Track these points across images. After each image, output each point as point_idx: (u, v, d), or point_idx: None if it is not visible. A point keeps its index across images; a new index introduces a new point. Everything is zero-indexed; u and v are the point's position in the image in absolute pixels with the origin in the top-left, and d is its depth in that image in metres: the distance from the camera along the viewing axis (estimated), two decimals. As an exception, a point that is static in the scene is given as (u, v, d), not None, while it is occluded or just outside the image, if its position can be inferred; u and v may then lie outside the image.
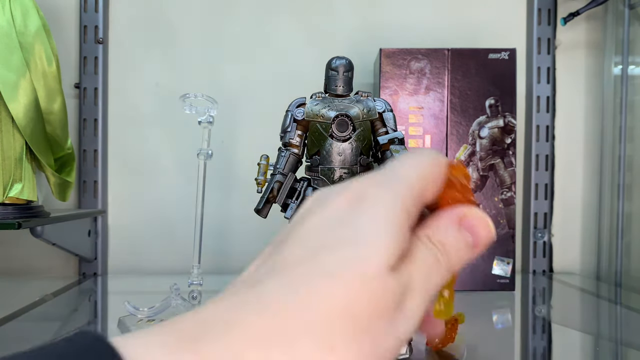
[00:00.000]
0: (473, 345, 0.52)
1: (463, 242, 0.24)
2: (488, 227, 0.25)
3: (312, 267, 0.21)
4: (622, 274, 0.82)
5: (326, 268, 0.20)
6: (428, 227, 0.25)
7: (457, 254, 0.24)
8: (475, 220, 0.25)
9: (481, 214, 0.25)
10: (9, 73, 0.62)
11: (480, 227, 0.25)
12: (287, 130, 0.46)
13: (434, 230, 0.24)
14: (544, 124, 0.89)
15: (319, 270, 0.20)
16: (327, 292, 0.20)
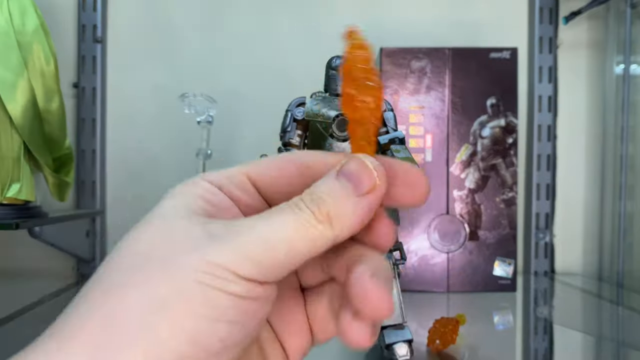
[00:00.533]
0: (474, 347, 0.52)
1: (340, 188, 0.21)
2: (370, 172, 0.22)
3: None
4: (624, 274, 0.82)
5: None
6: None
7: (333, 201, 0.21)
8: (354, 164, 0.22)
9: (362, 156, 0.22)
10: (6, 72, 0.62)
11: (360, 170, 0.22)
12: (287, 130, 0.46)
13: (310, 187, 0.22)
14: (545, 123, 0.88)
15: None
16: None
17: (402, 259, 0.45)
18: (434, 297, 0.71)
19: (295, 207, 0.21)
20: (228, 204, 0.23)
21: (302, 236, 0.21)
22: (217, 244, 0.20)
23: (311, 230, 0.21)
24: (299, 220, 0.21)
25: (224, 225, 0.21)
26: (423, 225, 0.73)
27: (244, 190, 0.24)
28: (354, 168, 0.22)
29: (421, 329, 0.54)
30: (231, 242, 0.20)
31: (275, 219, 0.21)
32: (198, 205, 0.22)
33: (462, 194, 0.74)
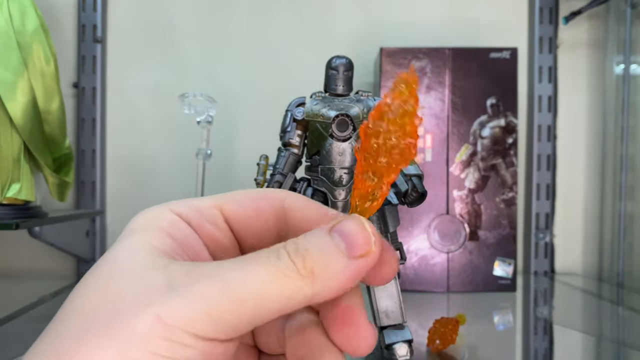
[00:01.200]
0: (474, 347, 0.52)
1: (332, 245, 0.19)
2: (367, 235, 0.20)
3: None
4: (624, 274, 0.82)
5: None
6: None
7: (322, 256, 0.19)
8: (350, 223, 0.20)
9: (360, 217, 0.20)
10: (6, 72, 0.62)
11: (356, 231, 0.20)
12: (287, 130, 0.46)
13: (296, 237, 0.20)
14: (545, 123, 0.88)
15: None
16: None
17: (402, 259, 0.45)
18: (434, 297, 0.71)
19: (274, 256, 0.19)
20: (194, 242, 0.21)
21: (277, 290, 0.18)
22: (176, 297, 0.17)
23: (288, 284, 0.18)
24: (277, 271, 0.18)
25: (187, 270, 0.18)
26: (423, 225, 0.73)
27: (215, 226, 0.22)
28: (351, 227, 0.20)
29: (421, 329, 0.54)
30: (191, 294, 0.17)
31: (248, 267, 0.18)
32: (161, 242, 0.20)
33: (462, 194, 0.74)
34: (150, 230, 0.20)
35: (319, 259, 0.19)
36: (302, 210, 0.22)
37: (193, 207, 0.22)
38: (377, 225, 0.44)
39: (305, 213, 0.22)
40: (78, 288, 0.19)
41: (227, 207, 0.22)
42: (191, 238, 0.21)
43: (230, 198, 0.23)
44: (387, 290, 0.44)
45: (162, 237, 0.20)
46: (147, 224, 0.20)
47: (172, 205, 0.22)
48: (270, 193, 0.23)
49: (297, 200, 0.23)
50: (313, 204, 0.23)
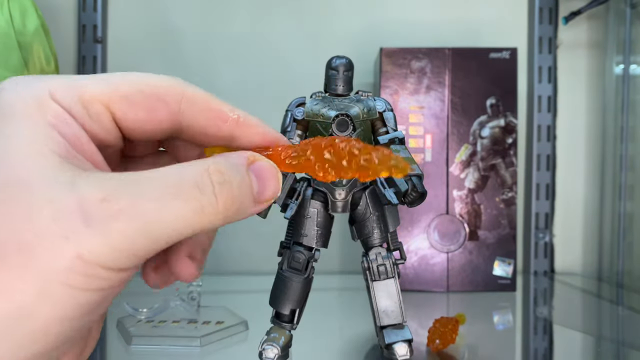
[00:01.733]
0: (474, 346, 0.52)
1: (248, 187, 0.20)
2: (277, 179, 0.20)
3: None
4: (624, 274, 0.82)
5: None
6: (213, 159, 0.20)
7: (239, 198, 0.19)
8: (268, 167, 0.20)
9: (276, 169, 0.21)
10: (7, 73, 0.62)
11: (270, 177, 0.20)
12: (287, 130, 0.46)
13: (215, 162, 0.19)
14: (545, 123, 0.88)
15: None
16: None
17: (401, 259, 0.45)
18: (434, 297, 0.71)
19: (198, 189, 0.18)
20: (84, 140, 0.19)
21: (192, 224, 0.18)
22: (95, 235, 0.17)
23: (205, 219, 0.18)
24: (198, 207, 0.18)
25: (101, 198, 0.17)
26: (423, 225, 0.73)
27: (100, 126, 0.20)
28: (269, 173, 0.20)
29: (421, 329, 0.54)
30: (110, 232, 0.17)
31: (169, 204, 0.17)
32: (53, 141, 0.18)
33: (462, 194, 0.74)
34: (35, 121, 0.18)
35: (237, 198, 0.19)
36: (205, 118, 0.22)
37: (77, 98, 0.19)
38: (377, 225, 0.44)
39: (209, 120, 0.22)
40: None
41: (116, 106, 0.20)
42: (81, 136, 0.19)
43: (120, 93, 0.20)
44: (387, 289, 0.44)
45: (52, 134, 0.18)
46: (28, 111, 0.18)
47: (51, 87, 0.19)
48: (167, 92, 0.21)
49: (198, 99, 0.22)
50: (213, 104, 0.22)
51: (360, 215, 0.44)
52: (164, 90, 0.21)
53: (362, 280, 0.45)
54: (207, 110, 0.22)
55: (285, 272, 0.44)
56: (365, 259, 0.44)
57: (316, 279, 0.44)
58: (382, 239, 0.44)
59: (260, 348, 0.41)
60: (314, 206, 0.44)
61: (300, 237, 0.44)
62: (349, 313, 0.66)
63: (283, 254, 0.45)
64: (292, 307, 0.42)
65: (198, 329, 0.50)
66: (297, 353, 0.45)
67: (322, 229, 0.44)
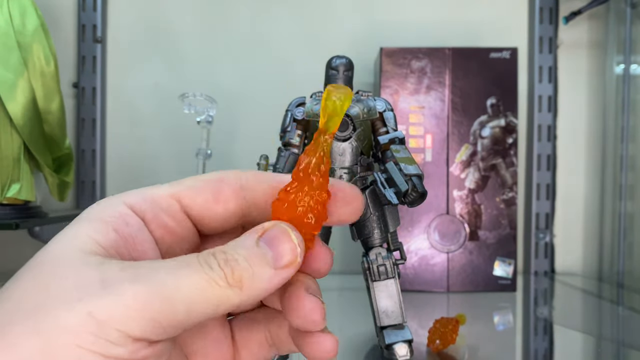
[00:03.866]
0: (474, 347, 0.52)
1: (259, 256, 0.20)
2: (293, 244, 0.21)
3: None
4: (625, 274, 0.82)
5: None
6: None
7: (249, 267, 0.19)
8: (278, 233, 0.20)
9: (287, 227, 0.21)
10: (6, 73, 0.62)
11: (282, 241, 0.20)
12: (287, 130, 0.46)
13: (225, 246, 0.20)
14: (545, 123, 0.88)
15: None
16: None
17: (402, 259, 0.45)
18: (434, 297, 0.71)
19: (206, 265, 0.19)
20: (142, 238, 0.21)
21: (206, 298, 0.19)
22: (109, 294, 0.17)
23: (218, 292, 0.19)
24: (208, 280, 0.19)
25: (121, 268, 0.18)
26: (423, 225, 0.73)
27: (171, 217, 0.22)
28: (278, 238, 0.20)
29: (421, 329, 0.54)
30: (124, 292, 0.17)
31: (182, 271, 0.19)
32: (103, 235, 0.19)
33: (462, 194, 0.74)
34: (94, 221, 0.20)
35: (247, 270, 0.19)
36: (258, 187, 0.23)
37: (148, 198, 0.21)
38: (377, 226, 0.44)
39: (263, 188, 0.23)
40: (14, 276, 0.19)
41: (184, 195, 0.22)
42: (139, 235, 0.21)
43: (186, 186, 0.22)
44: (387, 290, 0.44)
45: (105, 230, 0.20)
46: (95, 215, 0.20)
47: (126, 196, 0.21)
48: (226, 175, 0.23)
49: (251, 177, 0.23)
50: (265, 177, 0.23)
51: (361, 215, 0.44)
52: (223, 175, 0.23)
53: (362, 280, 0.45)
54: (263, 182, 0.23)
55: (285, 273, 0.43)
56: (365, 259, 0.44)
57: (316, 279, 0.44)
58: (382, 239, 0.44)
59: (260, 348, 0.40)
60: (314, 206, 0.44)
61: (300, 238, 0.44)
62: (349, 313, 0.66)
63: (283, 254, 0.45)
64: (292, 307, 0.42)
65: (198, 330, 0.50)
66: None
67: (322, 228, 0.44)
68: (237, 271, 0.19)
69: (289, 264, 0.20)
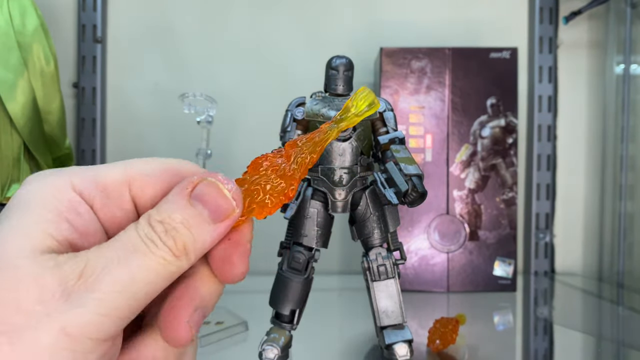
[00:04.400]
0: (474, 347, 0.52)
1: (195, 216, 0.20)
2: (225, 198, 0.20)
3: None
4: (625, 274, 0.82)
5: None
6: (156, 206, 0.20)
7: (189, 232, 0.19)
8: (207, 188, 0.20)
9: (216, 179, 0.21)
10: (6, 73, 0.62)
11: (215, 196, 0.20)
12: (287, 130, 0.46)
13: (157, 209, 0.20)
14: (545, 123, 0.88)
15: None
16: None
17: (402, 259, 0.45)
18: (434, 297, 0.71)
19: (149, 242, 0.19)
20: (93, 229, 0.20)
21: (160, 276, 0.19)
22: (76, 307, 0.18)
23: (168, 267, 0.19)
24: (156, 260, 0.19)
25: (79, 273, 0.18)
26: (423, 225, 0.73)
27: (120, 208, 0.21)
28: (209, 193, 0.20)
29: (421, 329, 0.54)
30: (90, 302, 0.18)
31: (134, 261, 0.19)
32: (57, 229, 0.19)
33: (462, 194, 0.74)
34: (46, 210, 0.19)
35: (188, 236, 0.20)
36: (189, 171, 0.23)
37: (99, 184, 0.20)
38: (377, 226, 0.44)
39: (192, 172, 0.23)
40: None
41: (137, 185, 0.21)
42: (89, 225, 0.20)
43: (141, 172, 0.21)
44: (387, 290, 0.44)
45: (57, 221, 0.19)
46: (43, 200, 0.19)
47: (73, 176, 0.20)
48: (184, 169, 0.22)
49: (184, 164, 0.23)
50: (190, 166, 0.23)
51: (361, 216, 0.44)
52: (179, 165, 0.22)
53: (362, 280, 0.45)
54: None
55: (285, 273, 0.44)
56: (365, 259, 0.44)
57: (316, 279, 0.44)
58: (382, 239, 0.44)
59: (260, 348, 0.41)
60: (314, 206, 0.44)
61: (300, 237, 0.44)
62: (349, 313, 0.66)
63: (283, 254, 0.45)
64: (292, 307, 0.42)
65: (198, 329, 0.50)
66: (297, 353, 0.45)
67: (322, 229, 0.44)
68: (179, 240, 0.19)
69: (225, 217, 0.20)
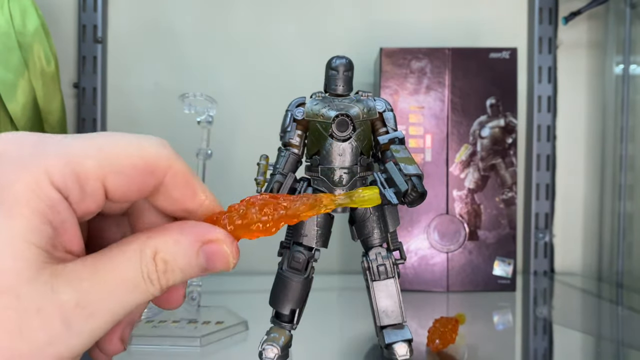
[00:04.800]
0: (474, 346, 0.52)
1: (196, 267, 0.22)
2: (227, 262, 0.22)
3: None
4: (624, 274, 0.82)
5: None
6: (157, 236, 0.21)
7: (183, 275, 0.22)
8: (219, 252, 0.22)
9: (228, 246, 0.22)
10: (7, 73, 0.62)
11: (220, 260, 0.22)
12: (287, 130, 0.46)
13: (165, 247, 0.21)
14: (545, 123, 0.88)
15: None
16: None
17: (401, 259, 0.45)
18: (434, 297, 0.71)
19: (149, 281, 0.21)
20: (69, 226, 0.21)
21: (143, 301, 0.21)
22: (74, 337, 0.19)
23: (149, 297, 0.21)
24: (148, 296, 0.21)
25: (75, 301, 0.19)
26: (423, 225, 0.73)
27: (94, 202, 0.21)
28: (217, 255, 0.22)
29: (421, 329, 0.54)
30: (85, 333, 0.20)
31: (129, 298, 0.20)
32: (40, 234, 0.19)
33: (462, 194, 0.74)
34: (29, 212, 0.19)
35: (181, 277, 0.22)
36: (180, 193, 0.23)
37: (75, 178, 0.20)
38: (377, 225, 0.44)
39: (182, 195, 0.23)
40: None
41: (111, 180, 0.21)
42: (67, 223, 0.20)
43: (115, 168, 0.21)
44: (387, 289, 0.44)
45: (40, 226, 0.19)
46: (26, 198, 0.19)
47: (51, 169, 0.20)
48: (158, 164, 0.22)
49: (180, 174, 0.23)
50: (191, 181, 0.23)
51: (360, 215, 0.44)
52: (154, 162, 0.22)
53: (362, 280, 0.45)
54: (185, 186, 0.23)
55: (285, 272, 0.44)
56: (365, 259, 0.44)
57: (316, 279, 0.45)
58: (382, 239, 0.44)
59: (260, 348, 0.41)
60: (314, 206, 0.44)
61: (300, 237, 0.44)
62: (349, 313, 0.66)
63: (283, 254, 0.45)
64: (292, 307, 0.42)
65: (198, 329, 0.50)
66: (297, 353, 0.45)
67: (322, 229, 0.44)
68: (171, 280, 0.21)
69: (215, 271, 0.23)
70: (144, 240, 0.21)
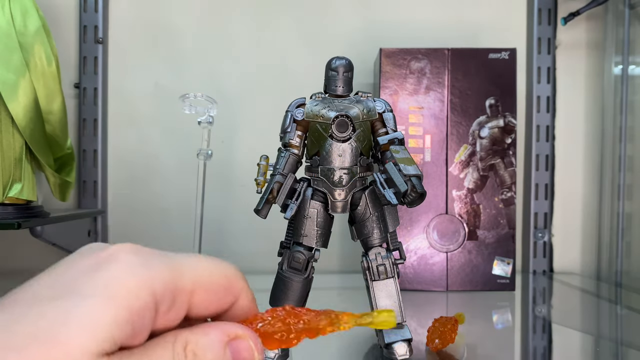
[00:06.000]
0: (473, 346, 0.52)
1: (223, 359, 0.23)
2: (253, 357, 0.24)
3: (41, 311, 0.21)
4: (623, 274, 0.82)
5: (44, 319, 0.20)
6: (192, 331, 0.23)
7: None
8: (245, 348, 0.23)
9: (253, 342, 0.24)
10: (8, 73, 0.62)
11: (245, 356, 0.23)
12: (287, 131, 0.46)
13: (195, 340, 0.23)
14: (544, 124, 0.89)
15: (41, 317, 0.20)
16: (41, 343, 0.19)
17: (401, 259, 0.46)
18: (433, 296, 0.71)
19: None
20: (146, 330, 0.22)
21: None
22: None
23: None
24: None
25: None
26: (422, 224, 0.74)
27: (176, 314, 0.23)
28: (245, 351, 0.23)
29: (420, 328, 0.54)
30: None
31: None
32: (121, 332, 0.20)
33: (461, 194, 0.74)
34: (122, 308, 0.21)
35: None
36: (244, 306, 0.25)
37: (173, 288, 0.22)
38: (376, 225, 0.44)
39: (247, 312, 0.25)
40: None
41: (197, 298, 0.23)
42: (144, 328, 0.22)
43: (205, 286, 0.23)
44: (387, 289, 0.44)
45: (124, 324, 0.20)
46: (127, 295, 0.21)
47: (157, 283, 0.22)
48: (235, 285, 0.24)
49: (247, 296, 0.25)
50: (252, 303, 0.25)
51: (360, 216, 0.44)
52: (234, 281, 0.24)
53: (361, 279, 0.46)
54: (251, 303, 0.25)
55: (285, 272, 0.44)
56: (365, 259, 0.45)
57: (316, 279, 0.45)
58: (382, 239, 0.45)
59: (261, 347, 0.41)
60: (313, 206, 0.44)
61: (300, 237, 0.44)
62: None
63: (283, 254, 0.45)
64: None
65: (199, 328, 0.50)
66: (297, 353, 0.45)
67: (322, 229, 0.44)
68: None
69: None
70: (176, 332, 0.22)
